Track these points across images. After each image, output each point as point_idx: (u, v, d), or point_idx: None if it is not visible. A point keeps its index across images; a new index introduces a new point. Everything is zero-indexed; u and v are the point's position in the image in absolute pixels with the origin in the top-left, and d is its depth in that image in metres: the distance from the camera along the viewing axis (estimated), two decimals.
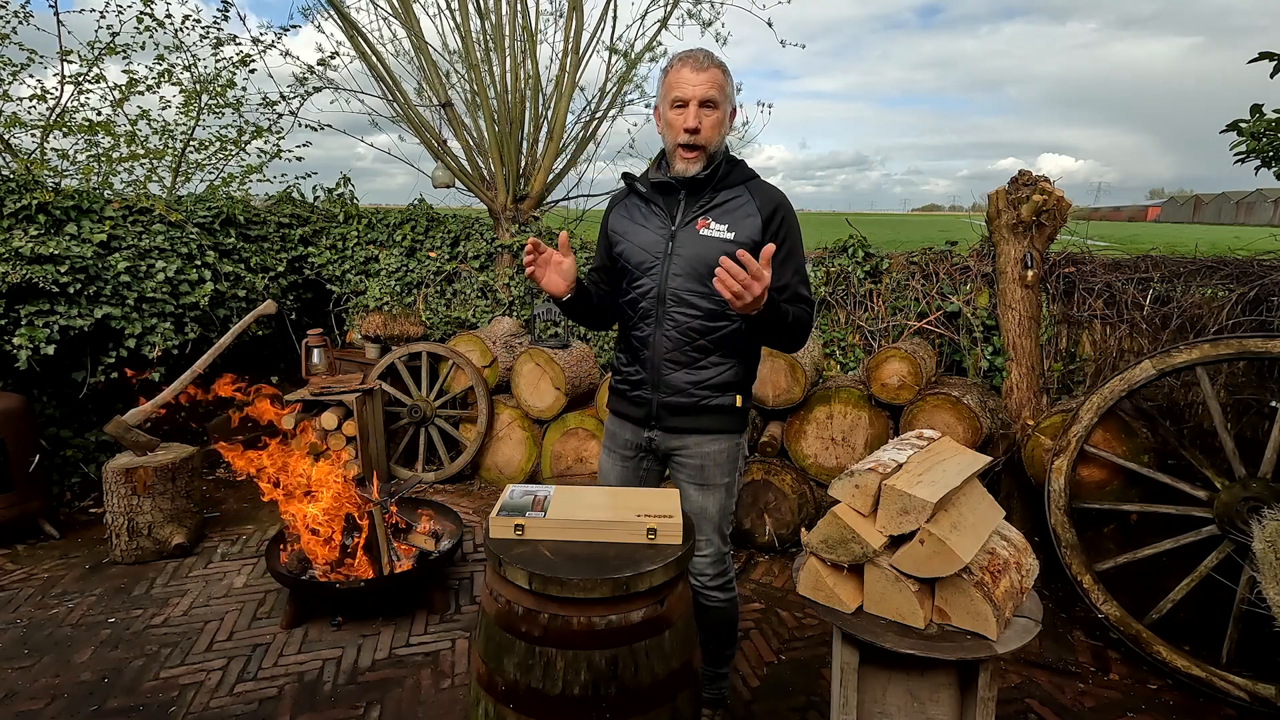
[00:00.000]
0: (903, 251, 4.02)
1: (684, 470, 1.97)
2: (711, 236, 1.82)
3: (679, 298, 1.85)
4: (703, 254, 1.81)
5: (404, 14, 4.79)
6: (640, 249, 1.91)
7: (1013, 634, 1.58)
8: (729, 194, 1.86)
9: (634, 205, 1.96)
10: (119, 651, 2.68)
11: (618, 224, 1.98)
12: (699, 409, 1.91)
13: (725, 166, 1.87)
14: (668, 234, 1.87)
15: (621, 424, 2.05)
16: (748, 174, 1.90)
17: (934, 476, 1.65)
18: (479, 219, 5.12)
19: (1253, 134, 2.97)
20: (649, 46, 5.07)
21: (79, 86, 5.39)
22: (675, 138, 1.81)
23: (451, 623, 2.91)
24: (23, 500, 3.46)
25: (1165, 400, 3.04)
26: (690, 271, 1.83)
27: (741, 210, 1.84)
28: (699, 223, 1.84)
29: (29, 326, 3.51)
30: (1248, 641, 2.50)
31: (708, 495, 1.96)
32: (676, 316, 1.86)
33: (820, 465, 3.53)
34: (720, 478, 1.96)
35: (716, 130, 1.80)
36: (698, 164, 1.82)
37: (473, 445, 4.31)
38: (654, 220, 1.91)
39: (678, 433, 1.94)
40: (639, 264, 1.91)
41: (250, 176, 5.95)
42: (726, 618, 2.10)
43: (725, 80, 1.80)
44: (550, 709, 1.49)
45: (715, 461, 1.94)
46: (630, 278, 1.94)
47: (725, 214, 1.84)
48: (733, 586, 2.10)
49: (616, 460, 2.07)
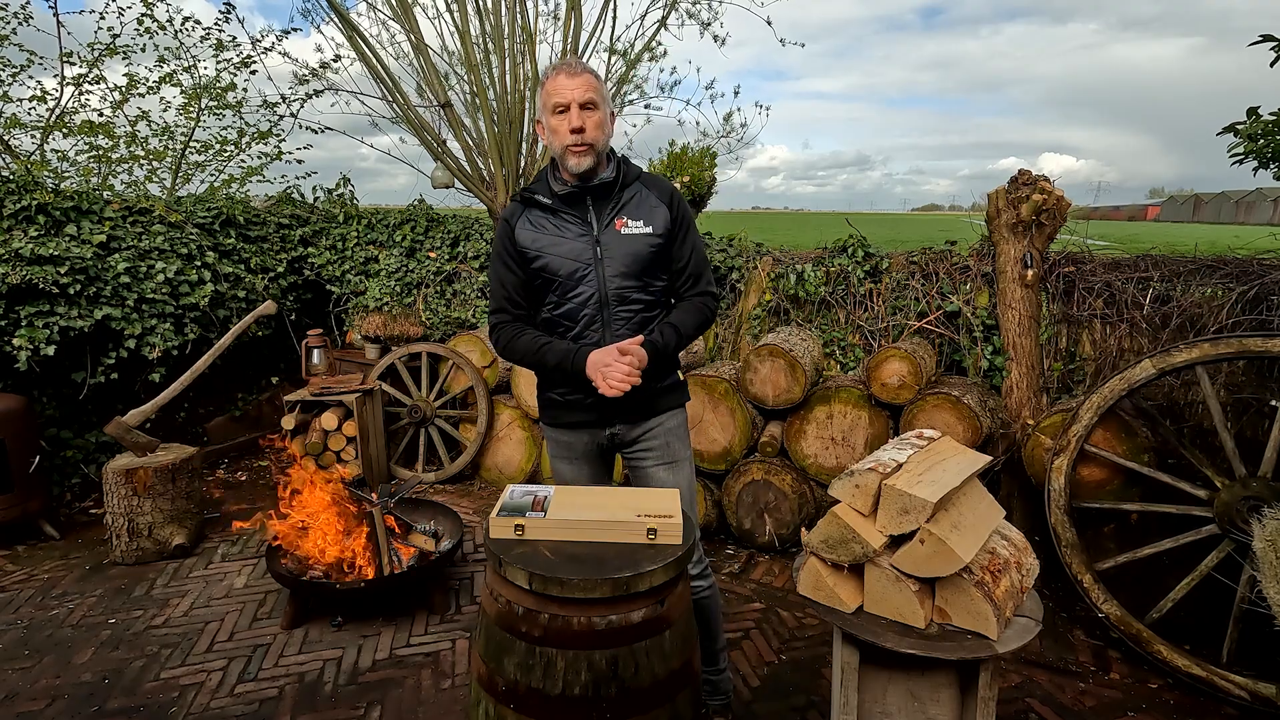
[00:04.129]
0: (903, 251, 4.02)
1: (651, 454, 2.02)
2: (635, 234, 1.92)
3: (622, 297, 1.92)
4: (632, 251, 1.91)
5: (404, 16, 4.79)
6: (566, 259, 1.91)
7: (1013, 633, 1.58)
8: (630, 191, 1.96)
9: (539, 219, 1.95)
10: (119, 652, 2.69)
11: (528, 239, 1.94)
12: (655, 392, 1.99)
13: (624, 166, 1.96)
14: (591, 239, 1.91)
15: (574, 433, 2.04)
16: (636, 170, 2.01)
17: (934, 476, 1.65)
18: (479, 219, 5.12)
19: (1249, 135, 2.98)
20: (648, 46, 5.07)
21: (79, 88, 5.39)
22: (562, 141, 1.86)
23: (452, 623, 2.91)
24: (23, 501, 3.46)
25: (1165, 399, 3.04)
26: (627, 270, 1.91)
27: (647, 204, 1.95)
28: (617, 223, 1.92)
29: (29, 327, 3.51)
30: (1248, 641, 2.49)
31: (677, 471, 2.03)
32: (623, 315, 1.93)
33: (820, 465, 3.53)
34: (684, 451, 2.06)
35: (600, 129, 1.86)
36: (588, 158, 1.86)
37: (473, 445, 4.31)
38: (570, 229, 1.92)
39: (642, 417, 2.01)
40: (570, 274, 1.91)
41: (250, 178, 5.96)
42: (712, 606, 2.13)
43: (599, 84, 1.88)
44: (551, 709, 1.49)
45: (678, 436, 2.04)
46: (562, 289, 1.93)
47: (636, 210, 1.94)
48: (709, 573, 2.14)
49: (580, 465, 2.08)
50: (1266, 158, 2.97)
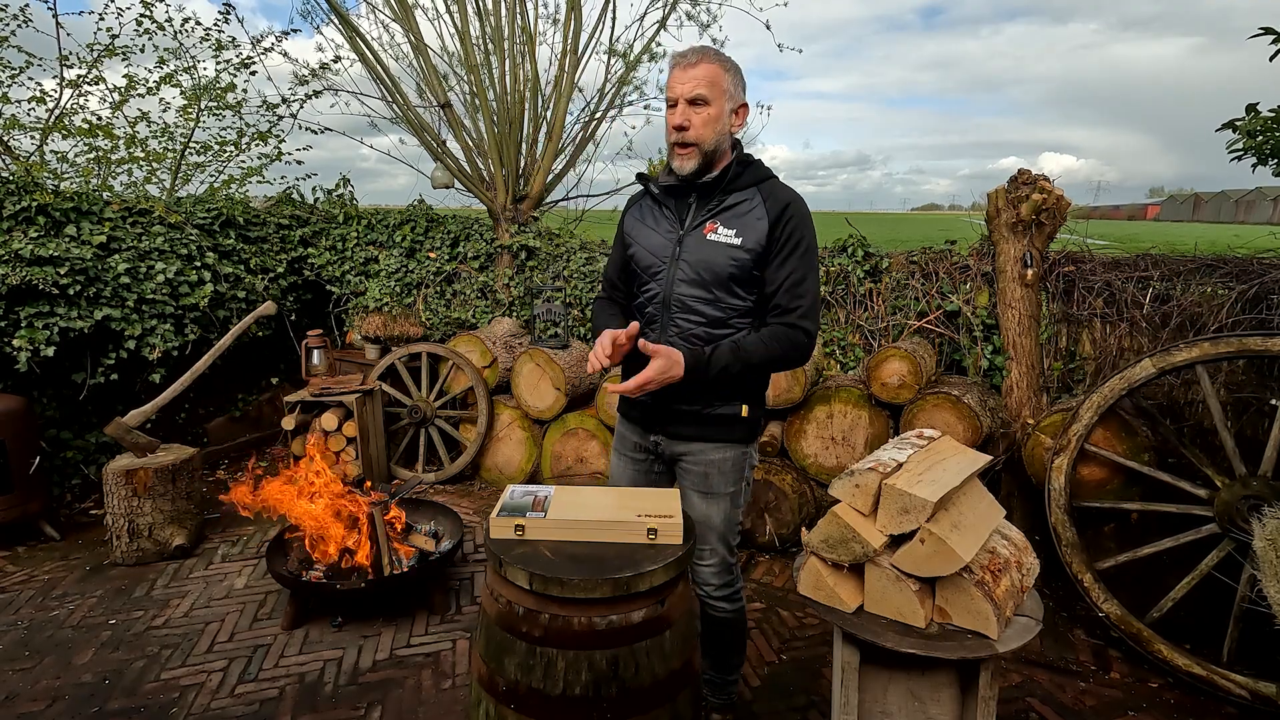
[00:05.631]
0: (902, 251, 4.02)
1: (689, 477, 1.94)
2: (719, 242, 1.77)
3: (684, 304, 1.82)
4: (708, 260, 1.78)
5: (404, 16, 4.79)
6: (649, 253, 1.88)
7: (1013, 633, 1.58)
8: (739, 196, 1.80)
9: (647, 207, 1.94)
10: (120, 653, 2.69)
11: (630, 226, 1.96)
12: (702, 417, 1.87)
13: (736, 168, 1.81)
14: (675, 238, 1.83)
15: (630, 426, 2.03)
16: (762, 175, 1.83)
17: (934, 476, 1.65)
18: (479, 219, 5.12)
19: (1248, 132, 2.99)
20: (647, 48, 5.07)
21: (78, 89, 5.39)
22: (669, 137, 1.79)
23: (452, 623, 2.91)
24: (23, 502, 3.46)
25: (1165, 399, 3.04)
26: (695, 278, 1.80)
27: (752, 214, 1.77)
28: (707, 227, 1.79)
29: (29, 328, 3.51)
30: (1248, 640, 2.50)
31: (712, 504, 1.92)
32: (681, 323, 1.83)
33: (820, 465, 3.53)
34: (725, 487, 1.91)
35: (710, 127, 1.74)
36: (692, 160, 1.76)
37: (473, 446, 4.31)
38: (664, 224, 1.88)
39: (683, 439, 1.91)
40: (647, 268, 1.89)
41: (250, 178, 5.95)
42: (734, 627, 2.06)
43: (721, 75, 1.74)
44: (551, 709, 1.49)
45: (720, 470, 1.90)
46: (639, 281, 1.92)
47: (734, 218, 1.78)
48: (740, 596, 2.05)
49: (626, 463, 2.06)
50: (1265, 154, 2.98)
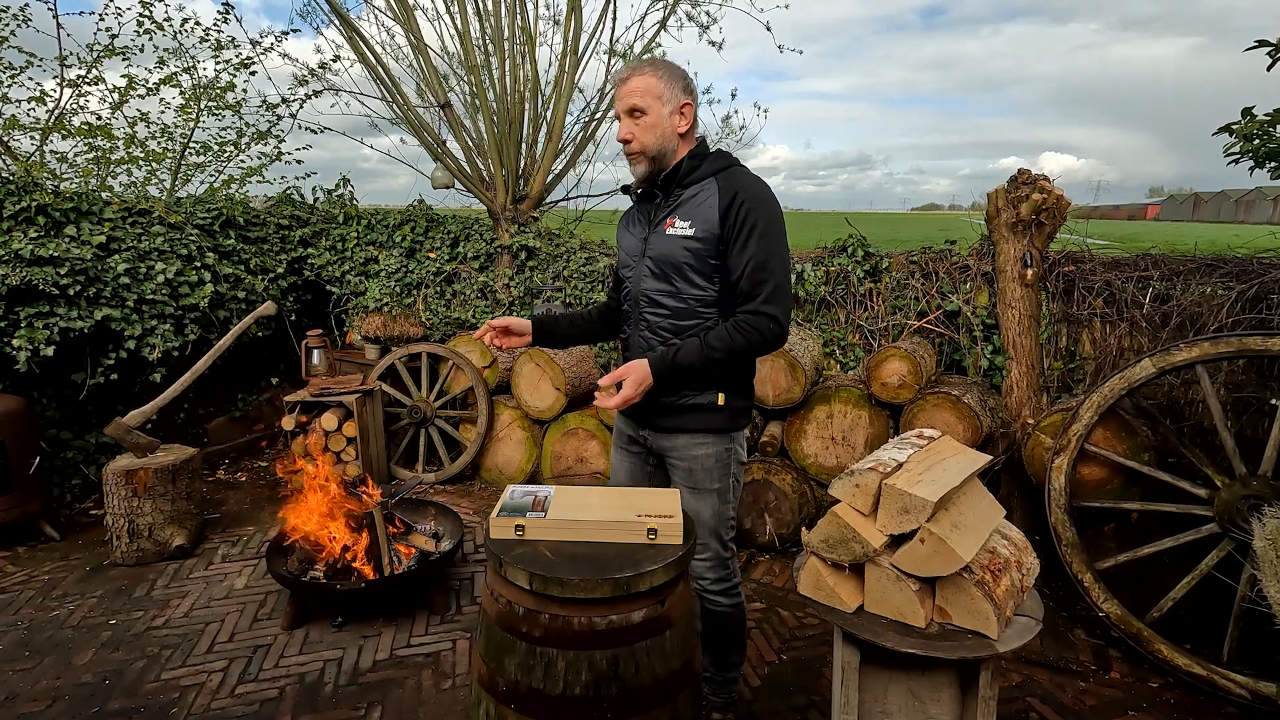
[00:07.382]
0: (902, 250, 4.02)
1: (676, 472, 1.98)
2: (674, 235, 1.84)
3: (650, 299, 1.91)
4: (666, 253, 1.85)
5: (404, 17, 4.79)
6: (625, 254, 2.01)
7: (1013, 633, 1.58)
8: (697, 188, 1.84)
9: (631, 214, 2.06)
10: (120, 653, 2.69)
11: (618, 234, 2.09)
12: (678, 407, 1.90)
13: (690, 162, 1.86)
14: (643, 237, 1.94)
15: (624, 420, 2.11)
16: (721, 165, 1.86)
17: (934, 476, 1.65)
18: (479, 219, 5.12)
19: (1244, 135, 2.98)
20: (648, 48, 5.07)
21: (78, 89, 5.39)
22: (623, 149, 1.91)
23: (452, 623, 2.91)
24: (23, 502, 3.46)
25: (1165, 398, 3.04)
26: (658, 272, 1.88)
27: (706, 203, 1.81)
28: (667, 222, 1.87)
29: (29, 328, 3.51)
30: (1248, 640, 2.50)
31: (700, 499, 1.95)
32: (649, 317, 1.92)
33: (820, 465, 3.53)
34: (710, 483, 1.93)
35: (650, 133, 1.81)
36: (641, 165, 1.87)
37: (473, 446, 4.31)
38: (636, 227, 1.99)
39: (666, 432, 1.95)
40: (623, 268, 2.02)
41: (250, 178, 5.96)
42: (732, 622, 2.07)
43: (655, 83, 1.80)
44: (551, 709, 1.49)
45: (704, 466, 1.92)
46: (619, 282, 2.06)
47: (689, 210, 1.83)
48: (738, 591, 2.07)
49: (623, 456, 2.12)
50: (1261, 157, 2.97)
